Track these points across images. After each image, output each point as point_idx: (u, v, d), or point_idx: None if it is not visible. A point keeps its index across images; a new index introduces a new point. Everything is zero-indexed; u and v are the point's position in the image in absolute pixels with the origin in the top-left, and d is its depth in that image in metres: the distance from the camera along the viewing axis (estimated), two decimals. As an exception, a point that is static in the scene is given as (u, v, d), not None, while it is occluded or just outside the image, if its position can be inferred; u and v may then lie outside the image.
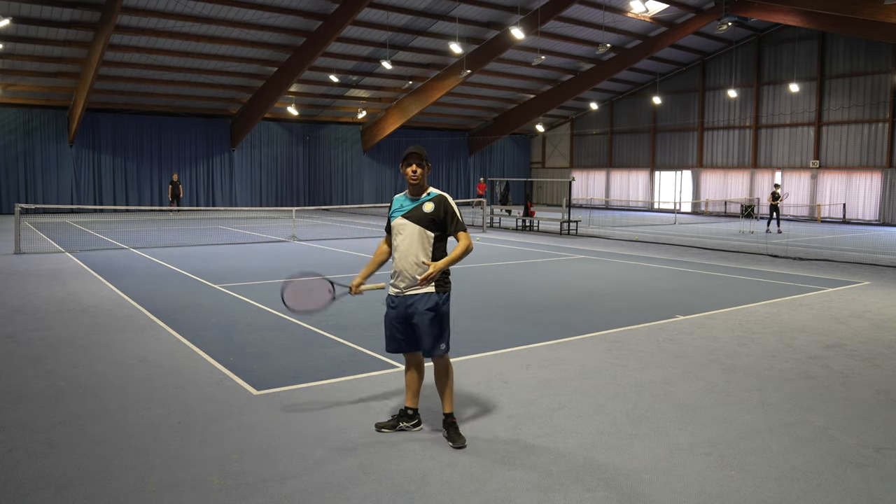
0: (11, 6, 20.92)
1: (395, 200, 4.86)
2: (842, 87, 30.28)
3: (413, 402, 4.90)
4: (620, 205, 39.89)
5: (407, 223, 4.68)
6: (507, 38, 26.90)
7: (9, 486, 3.99)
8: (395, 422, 4.87)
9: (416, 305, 4.64)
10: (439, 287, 4.67)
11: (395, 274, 4.73)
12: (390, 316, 4.77)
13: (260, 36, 25.58)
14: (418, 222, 4.66)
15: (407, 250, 4.65)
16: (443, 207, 4.67)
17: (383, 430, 4.84)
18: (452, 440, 4.66)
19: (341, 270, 12.96)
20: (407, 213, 4.70)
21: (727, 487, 4.06)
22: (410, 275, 4.63)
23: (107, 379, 6.05)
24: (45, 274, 12.21)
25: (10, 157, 28.80)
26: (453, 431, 4.70)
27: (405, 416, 4.88)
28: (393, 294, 4.76)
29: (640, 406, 5.48)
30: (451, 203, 4.72)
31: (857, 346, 7.56)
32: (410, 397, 4.89)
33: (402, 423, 4.86)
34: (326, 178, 37.11)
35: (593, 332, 8.08)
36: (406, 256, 4.65)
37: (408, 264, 4.64)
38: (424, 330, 4.63)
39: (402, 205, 4.77)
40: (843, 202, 30.41)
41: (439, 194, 4.73)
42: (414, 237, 4.64)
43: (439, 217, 4.66)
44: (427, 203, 4.68)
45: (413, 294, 4.66)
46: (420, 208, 4.68)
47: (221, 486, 4.02)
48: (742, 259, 15.48)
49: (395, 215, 4.77)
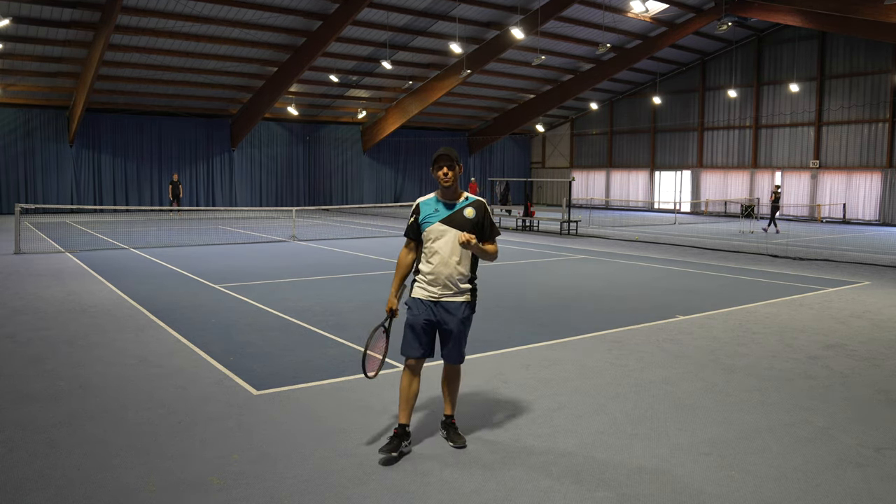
0: (11, 6, 20.92)
1: (425, 205, 4.64)
2: (842, 87, 30.28)
3: (408, 419, 4.59)
4: (620, 205, 39.89)
5: (448, 229, 4.52)
6: (507, 38, 26.90)
7: (9, 486, 3.99)
8: (398, 444, 4.46)
9: (452, 313, 4.54)
10: (472, 296, 4.65)
11: (430, 280, 4.55)
12: (418, 320, 4.53)
13: (260, 36, 25.58)
14: (461, 227, 4.51)
15: (448, 257, 4.51)
16: (482, 213, 4.60)
17: (392, 455, 4.40)
18: (453, 440, 4.65)
19: (341, 270, 12.96)
20: (446, 219, 4.54)
21: (727, 487, 4.06)
22: (451, 282, 4.52)
23: (107, 379, 6.05)
24: (45, 274, 12.21)
25: (10, 157, 28.80)
26: (453, 432, 4.70)
27: (406, 436, 4.53)
28: (423, 298, 4.57)
29: (640, 406, 5.48)
30: (489, 209, 4.67)
31: (857, 346, 7.56)
32: (408, 413, 4.58)
33: (404, 444, 4.52)
34: (326, 178, 37.11)
35: (593, 332, 8.08)
36: (447, 263, 4.51)
37: (449, 270, 4.51)
38: (458, 338, 4.58)
39: (437, 209, 4.59)
40: (843, 202, 30.41)
41: (478, 199, 4.65)
42: (457, 244, 4.50)
43: (480, 222, 4.58)
44: (468, 208, 4.58)
45: (450, 301, 4.55)
46: (461, 213, 4.56)
47: (221, 486, 4.02)
48: (742, 259, 15.48)
49: (430, 220, 4.57)
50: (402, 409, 4.58)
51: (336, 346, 7.25)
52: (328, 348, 7.18)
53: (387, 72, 30.15)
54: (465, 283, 4.60)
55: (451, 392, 4.77)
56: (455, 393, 4.79)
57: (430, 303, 4.55)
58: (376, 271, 12.93)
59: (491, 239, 4.65)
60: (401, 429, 4.53)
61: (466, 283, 4.61)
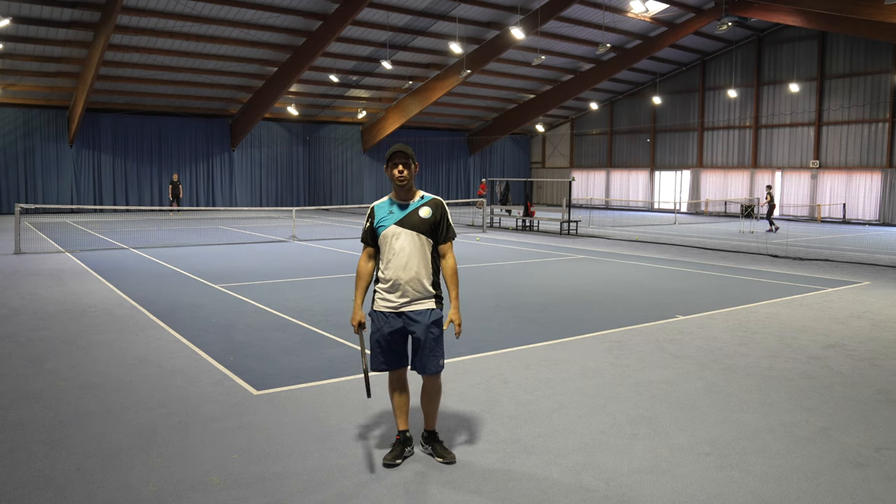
0: (11, 6, 20.92)
1: (378, 208, 4.38)
2: (842, 87, 30.28)
3: (407, 424, 4.50)
4: (620, 205, 39.89)
5: (402, 231, 4.25)
6: (507, 38, 26.91)
7: (9, 486, 3.99)
8: (401, 450, 4.41)
9: (417, 321, 4.27)
10: (437, 302, 4.37)
11: (389, 287, 4.29)
12: (383, 333, 4.30)
13: (260, 36, 25.58)
14: (415, 229, 4.26)
15: (407, 262, 4.24)
16: (440, 211, 4.33)
17: (396, 462, 4.34)
18: (442, 455, 4.40)
19: (341, 270, 12.96)
20: (400, 221, 4.27)
21: (727, 487, 4.06)
22: (412, 288, 4.26)
23: (107, 379, 6.05)
24: (45, 274, 12.21)
25: (10, 157, 28.80)
26: (440, 447, 4.46)
27: (407, 441, 4.47)
28: (383, 310, 4.31)
29: (640, 406, 5.48)
30: (444, 206, 4.39)
31: (857, 346, 7.55)
32: (405, 420, 4.48)
33: (408, 450, 4.46)
34: (326, 178, 37.11)
35: (593, 332, 8.08)
36: (406, 268, 4.24)
37: (408, 276, 4.24)
38: (429, 346, 4.27)
39: (391, 211, 4.33)
40: (843, 202, 30.41)
41: (434, 198, 4.38)
42: (414, 246, 4.25)
43: (437, 222, 4.32)
44: (423, 208, 4.31)
45: (414, 310, 4.28)
46: (416, 213, 4.29)
47: (221, 486, 4.02)
48: (742, 259, 15.48)
49: (384, 224, 4.30)
50: (398, 418, 4.49)
51: (336, 346, 7.24)
52: (328, 348, 7.17)
53: (387, 72, 30.15)
54: (429, 288, 4.31)
55: (428, 406, 4.46)
56: (434, 406, 4.47)
57: (393, 314, 4.30)
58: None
59: (445, 240, 4.37)
60: (401, 435, 4.46)
61: (430, 286, 4.32)
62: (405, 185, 4.31)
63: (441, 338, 4.33)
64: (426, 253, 4.31)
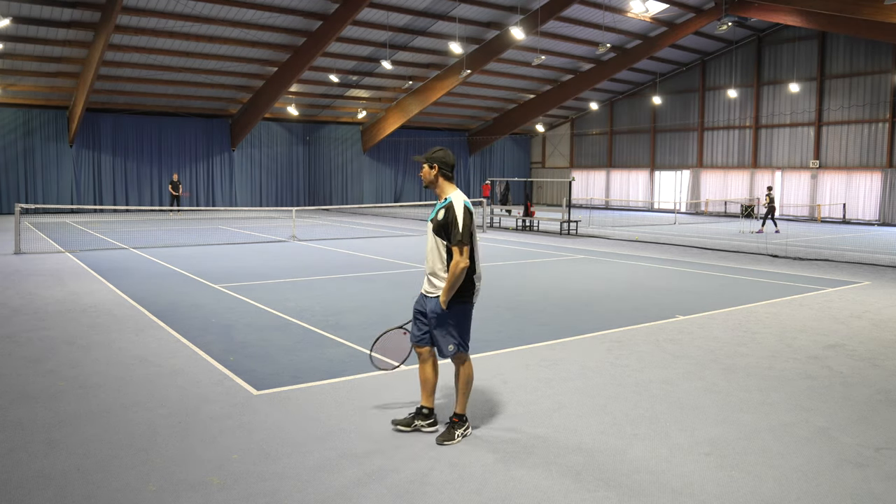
0: (11, 6, 20.92)
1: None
2: (842, 87, 30.28)
3: (429, 402, 4.87)
4: (620, 205, 39.89)
5: (428, 229, 4.82)
6: (507, 38, 26.91)
7: (9, 486, 3.99)
8: (412, 419, 4.86)
9: (428, 305, 4.77)
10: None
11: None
12: (415, 309, 4.91)
13: (260, 36, 25.58)
14: (432, 229, 4.73)
15: (428, 256, 4.80)
16: (449, 215, 4.58)
17: (399, 427, 4.84)
18: (440, 434, 4.73)
19: (341, 270, 12.96)
20: (431, 219, 4.77)
21: (727, 487, 4.06)
22: (429, 276, 4.77)
23: (107, 379, 6.05)
24: (45, 274, 12.21)
25: (10, 157, 28.79)
26: (447, 428, 4.75)
27: (421, 415, 4.87)
28: (421, 291, 4.91)
29: (640, 406, 5.48)
30: (455, 210, 4.57)
31: (857, 346, 7.55)
32: (426, 396, 4.87)
33: (418, 422, 4.85)
34: (326, 178, 37.11)
35: (593, 332, 8.08)
36: (427, 261, 4.80)
37: (428, 269, 4.79)
38: (436, 329, 4.72)
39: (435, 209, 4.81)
40: (843, 202, 30.41)
41: (451, 200, 4.63)
42: (431, 244, 4.76)
43: (445, 224, 4.61)
44: (441, 210, 4.67)
45: (428, 296, 4.79)
46: (437, 215, 4.70)
47: (221, 486, 4.02)
48: (742, 259, 15.48)
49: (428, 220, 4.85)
50: (421, 392, 4.91)
51: (336, 347, 7.24)
52: (328, 348, 7.18)
53: (387, 72, 30.14)
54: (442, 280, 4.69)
55: (457, 387, 4.83)
56: (460, 391, 4.80)
57: (421, 296, 4.88)
58: (376, 271, 12.93)
59: (451, 242, 4.58)
60: (419, 408, 4.89)
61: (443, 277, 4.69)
62: (427, 186, 4.81)
63: (448, 328, 4.67)
64: (441, 252, 4.70)
